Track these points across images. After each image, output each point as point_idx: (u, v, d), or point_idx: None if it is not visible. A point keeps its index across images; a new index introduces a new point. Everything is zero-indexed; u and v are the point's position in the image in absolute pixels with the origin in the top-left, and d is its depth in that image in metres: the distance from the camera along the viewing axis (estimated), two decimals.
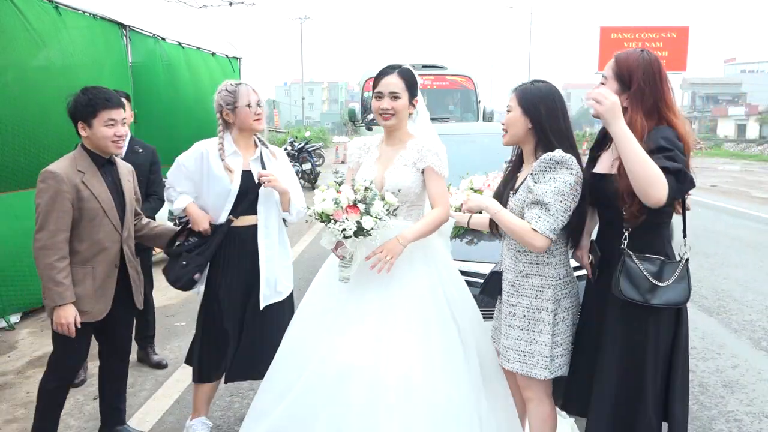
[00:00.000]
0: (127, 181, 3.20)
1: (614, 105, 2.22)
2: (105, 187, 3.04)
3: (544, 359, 2.54)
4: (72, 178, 2.91)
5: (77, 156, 3.03)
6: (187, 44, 9.64)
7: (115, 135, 2.98)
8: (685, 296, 2.37)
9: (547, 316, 2.54)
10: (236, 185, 3.20)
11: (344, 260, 2.69)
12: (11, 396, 4.15)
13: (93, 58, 6.86)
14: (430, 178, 2.81)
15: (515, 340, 2.60)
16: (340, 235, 2.60)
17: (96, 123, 2.95)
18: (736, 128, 57.59)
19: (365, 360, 2.58)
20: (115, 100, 3.00)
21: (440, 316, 2.73)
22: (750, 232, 10.11)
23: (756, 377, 4.41)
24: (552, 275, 2.56)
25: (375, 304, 2.71)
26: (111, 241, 3.05)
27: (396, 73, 2.86)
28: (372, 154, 2.96)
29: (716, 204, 13.49)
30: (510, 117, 2.59)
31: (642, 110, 2.33)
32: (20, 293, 5.47)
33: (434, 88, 11.23)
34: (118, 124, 2.99)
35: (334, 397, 2.57)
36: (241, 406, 3.94)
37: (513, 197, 2.60)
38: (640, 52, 2.39)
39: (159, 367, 4.59)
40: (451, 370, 2.65)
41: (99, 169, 3.04)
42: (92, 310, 3.00)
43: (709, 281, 7.02)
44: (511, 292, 2.61)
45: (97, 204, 2.98)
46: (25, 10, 5.69)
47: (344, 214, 2.58)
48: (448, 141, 3.12)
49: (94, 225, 2.99)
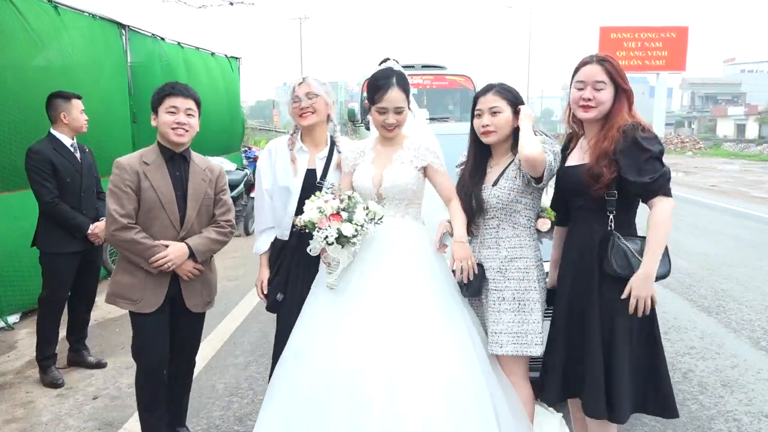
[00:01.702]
0: (199, 180, 3.13)
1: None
2: (168, 181, 3.02)
3: (538, 335, 2.73)
4: (134, 167, 2.97)
5: (148, 149, 3.08)
6: (186, 44, 9.65)
7: (175, 122, 2.97)
8: (667, 269, 2.59)
9: (536, 295, 2.75)
10: (299, 181, 3.08)
11: (330, 267, 2.76)
12: (10, 396, 4.14)
13: (92, 58, 6.87)
14: (435, 175, 2.89)
15: (507, 323, 2.74)
16: (323, 243, 2.67)
17: (161, 110, 2.98)
18: (735, 128, 57.66)
19: (378, 355, 2.56)
20: (178, 89, 3.01)
21: (446, 304, 2.75)
22: (749, 231, 10.11)
23: (755, 377, 4.41)
24: (533, 257, 2.80)
25: (380, 298, 2.70)
26: (166, 236, 3.01)
27: (396, 85, 2.85)
28: (367, 156, 2.98)
29: (716, 204, 13.49)
30: (501, 119, 2.76)
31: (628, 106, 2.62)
32: (19, 293, 5.46)
33: (434, 87, 11.22)
34: (180, 112, 2.97)
35: (351, 395, 2.53)
36: (240, 405, 3.94)
37: (494, 188, 2.78)
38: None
39: (99, 367, 4.60)
40: (464, 357, 2.65)
41: (166, 162, 3.04)
42: (140, 300, 3.01)
43: (709, 281, 7.03)
44: (498, 278, 2.78)
45: (155, 195, 2.97)
46: (25, 10, 5.69)
47: (327, 222, 2.66)
48: (447, 140, 3.13)
49: (150, 217, 2.99)
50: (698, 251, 8.50)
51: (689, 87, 71.11)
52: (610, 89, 2.60)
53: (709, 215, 11.87)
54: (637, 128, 2.51)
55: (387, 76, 2.88)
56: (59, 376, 4.34)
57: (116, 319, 5.77)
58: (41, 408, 3.97)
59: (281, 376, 2.82)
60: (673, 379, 4.29)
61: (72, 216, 4.26)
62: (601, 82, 2.59)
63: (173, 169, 3.06)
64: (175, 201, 3.02)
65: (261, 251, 3.21)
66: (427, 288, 2.75)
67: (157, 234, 3.00)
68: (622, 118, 2.57)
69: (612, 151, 2.51)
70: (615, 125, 2.55)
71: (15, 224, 5.30)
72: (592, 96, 2.59)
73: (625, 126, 2.52)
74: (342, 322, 2.70)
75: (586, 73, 2.62)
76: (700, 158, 30.86)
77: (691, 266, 7.67)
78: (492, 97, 2.78)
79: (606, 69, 2.60)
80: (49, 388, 4.24)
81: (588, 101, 2.60)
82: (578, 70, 2.66)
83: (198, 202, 3.10)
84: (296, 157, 3.10)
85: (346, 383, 2.56)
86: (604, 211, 2.59)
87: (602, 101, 2.59)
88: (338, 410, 2.53)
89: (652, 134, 2.53)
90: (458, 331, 2.71)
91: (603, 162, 2.52)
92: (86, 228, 4.30)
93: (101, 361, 4.65)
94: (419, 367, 2.55)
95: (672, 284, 6.78)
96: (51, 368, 4.36)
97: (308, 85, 3.05)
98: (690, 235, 9.76)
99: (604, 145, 2.54)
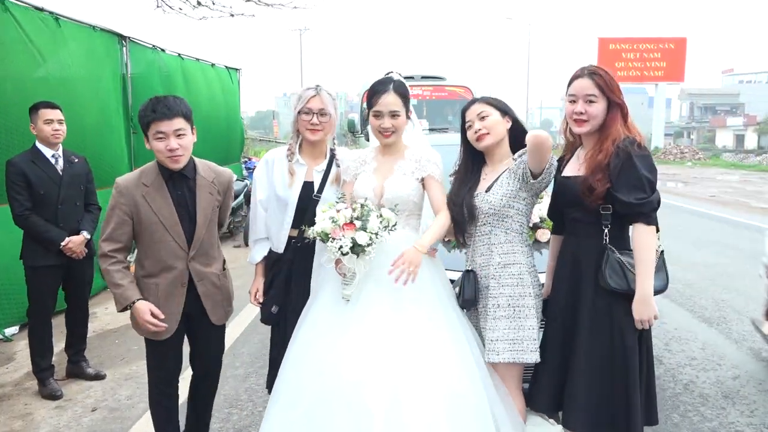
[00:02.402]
0: (206, 194, 2.96)
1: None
2: (169, 202, 2.86)
3: (533, 342, 2.71)
4: (132, 191, 2.83)
5: (148, 167, 2.92)
6: (186, 55, 9.68)
7: (167, 149, 2.77)
8: (664, 284, 2.63)
9: (531, 301, 2.74)
10: (295, 193, 3.06)
11: (346, 278, 2.71)
12: (9, 408, 4.12)
13: (91, 70, 6.89)
14: (432, 186, 2.88)
15: (503, 330, 2.73)
16: (337, 253, 2.63)
17: (150, 136, 2.81)
18: (734, 138, 57.80)
19: (381, 367, 2.55)
20: (160, 111, 2.74)
21: (447, 314, 2.75)
22: (750, 242, 10.08)
23: (757, 388, 4.39)
24: (527, 263, 2.79)
25: (381, 309, 2.70)
26: (175, 259, 2.89)
27: (392, 90, 2.87)
28: (368, 165, 2.98)
29: (715, 214, 13.48)
30: (491, 120, 2.78)
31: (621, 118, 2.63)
32: (17, 305, 5.43)
33: (433, 98, 11.25)
34: (169, 137, 2.76)
35: (353, 406, 2.52)
36: (240, 417, 3.92)
37: (488, 194, 2.78)
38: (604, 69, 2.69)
39: (98, 378, 4.57)
40: (466, 368, 2.64)
41: (166, 182, 2.88)
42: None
43: (709, 291, 7.01)
44: (492, 285, 2.77)
45: (157, 219, 2.84)
46: (24, 23, 5.70)
47: (341, 232, 2.62)
48: (447, 151, 3.13)
49: (155, 241, 2.86)
50: (698, 262, 8.48)
51: (688, 98, 71.27)
52: (602, 102, 2.61)
53: (709, 226, 11.86)
54: (633, 144, 2.53)
55: (385, 82, 2.91)
56: (57, 388, 4.31)
57: (116, 330, 5.76)
58: (40, 420, 3.95)
59: (281, 385, 2.81)
60: (674, 390, 4.31)
61: (45, 229, 4.22)
62: (592, 95, 2.60)
63: (174, 188, 2.90)
64: (179, 223, 2.88)
65: (255, 261, 3.22)
66: (428, 298, 2.75)
67: (166, 258, 2.88)
68: (616, 130, 2.58)
69: (606, 164, 2.53)
70: (609, 137, 2.57)
71: (11, 236, 5.26)
72: (584, 110, 2.62)
73: (620, 141, 2.54)
74: (343, 332, 2.69)
75: (577, 87, 2.65)
76: (700, 168, 30.86)
77: (691, 277, 7.66)
78: (477, 106, 2.83)
79: (596, 82, 2.61)
80: (48, 400, 4.22)
81: (580, 115, 2.63)
82: (570, 83, 2.69)
83: (206, 218, 2.97)
84: (294, 169, 3.09)
85: (348, 394, 2.54)
86: (599, 224, 2.60)
87: (594, 115, 2.61)
88: (340, 421, 2.52)
89: (646, 151, 2.57)
90: (459, 341, 2.71)
91: (597, 175, 2.54)
92: (59, 241, 4.24)
93: (100, 372, 4.63)
94: (423, 379, 2.53)
95: (672, 295, 6.76)
96: (49, 380, 4.34)
97: (322, 100, 3.02)
98: (690, 245, 9.75)
99: (599, 158, 2.56)
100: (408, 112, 2.93)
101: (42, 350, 4.35)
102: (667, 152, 37.65)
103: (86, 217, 4.48)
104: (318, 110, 3.01)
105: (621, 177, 2.51)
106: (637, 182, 2.49)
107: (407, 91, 2.94)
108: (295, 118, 3.08)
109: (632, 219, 2.55)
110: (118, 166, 7.56)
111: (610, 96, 2.60)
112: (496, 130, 2.79)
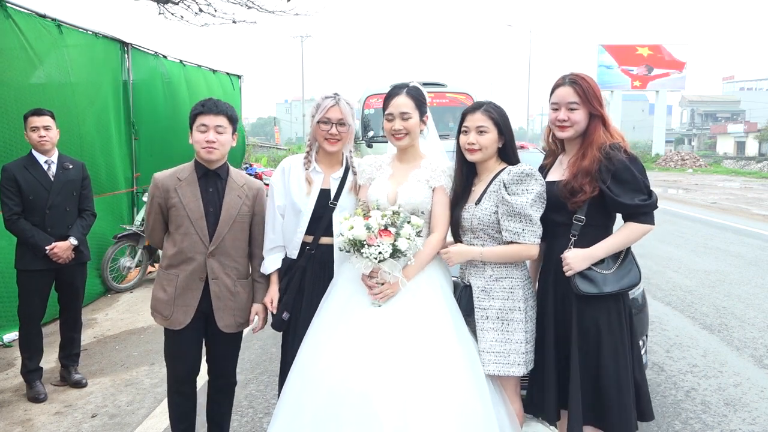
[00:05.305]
0: (235, 196, 3.10)
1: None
2: (198, 197, 3.03)
3: (521, 356, 2.71)
4: (167, 183, 3.03)
5: (185, 165, 3.12)
6: (188, 62, 9.71)
7: (205, 140, 2.98)
8: (637, 279, 2.67)
9: (519, 315, 2.73)
10: (311, 201, 3.02)
11: (376, 288, 2.72)
12: (8, 414, 4.12)
13: (92, 76, 6.90)
14: (438, 199, 2.86)
15: (490, 342, 2.73)
16: (375, 260, 2.62)
17: (194, 129, 3.02)
18: (735, 145, 57.77)
19: (390, 378, 2.52)
20: (208, 106, 3.01)
21: (456, 325, 2.72)
22: (751, 249, 10.09)
23: (759, 395, 4.38)
24: (519, 276, 2.78)
25: (391, 319, 2.68)
26: (195, 252, 3.03)
27: (405, 93, 2.87)
28: (384, 171, 2.97)
29: (716, 221, 13.47)
30: (488, 138, 2.77)
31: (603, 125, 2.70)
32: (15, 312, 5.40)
33: (434, 105, 11.23)
34: (210, 130, 2.98)
35: (360, 418, 2.48)
36: (240, 424, 3.90)
37: (477, 207, 2.76)
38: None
39: (78, 386, 4.54)
40: (474, 380, 2.63)
41: (199, 179, 3.05)
42: (169, 316, 3.04)
43: (710, 298, 7.00)
44: (482, 297, 2.77)
45: (184, 212, 3.00)
46: (26, 29, 5.72)
47: (378, 239, 2.61)
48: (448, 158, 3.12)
49: (180, 233, 3.03)
50: (699, 268, 8.47)
51: (689, 104, 71.33)
52: (583, 109, 2.69)
53: (710, 232, 11.85)
54: (620, 150, 2.62)
55: (400, 86, 2.92)
56: (42, 391, 4.33)
57: (116, 336, 5.75)
58: (39, 426, 3.95)
59: (287, 393, 2.78)
60: (675, 397, 4.29)
61: (30, 234, 4.25)
62: (574, 102, 2.69)
63: (206, 185, 3.06)
64: (204, 217, 3.02)
65: (269, 271, 3.13)
66: (438, 309, 2.72)
67: (188, 250, 3.02)
68: (599, 136, 2.66)
69: (596, 170, 2.60)
70: (594, 144, 2.65)
71: (10, 242, 5.27)
72: (566, 117, 2.70)
73: (605, 147, 2.62)
74: (352, 341, 2.66)
75: (559, 95, 2.73)
76: (701, 175, 30.89)
77: (692, 283, 7.65)
78: (480, 116, 2.77)
79: (577, 91, 2.69)
80: (43, 404, 4.22)
81: (563, 122, 2.71)
82: (553, 91, 2.77)
83: (231, 218, 3.07)
84: (311, 177, 3.05)
85: (356, 405, 2.50)
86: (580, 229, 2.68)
87: (576, 121, 2.70)
88: (346, 428, 2.48)
89: (633, 155, 2.66)
90: (469, 352, 2.69)
91: (583, 179, 2.61)
92: (43, 246, 4.26)
93: (81, 380, 4.57)
94: (433, 393, 2.50)
95: (673, 302, 6.76)
96: (35, 382, 4.37)
97: (341, 110, 2.97)
98: (691, 252, 9.74)
99: (584, 164, 2.63)
100: (423, 117, 2.91)
101: (30, 352, 4.38)
102: (668, 159, 37.71)
103: (77, 223, 4.48)
104: (337, 120, 2.97)
105: (620, 183, 2.58)
106: (636, 186, 2.59)
107: (422, 95, 2.92)
108: (313, 127, 3.04)
109: (634, 218, 2.64)
110: (118, 172, 7.58)
111: (589, 105, 2.68)
112: (489, 149, 2.77)
